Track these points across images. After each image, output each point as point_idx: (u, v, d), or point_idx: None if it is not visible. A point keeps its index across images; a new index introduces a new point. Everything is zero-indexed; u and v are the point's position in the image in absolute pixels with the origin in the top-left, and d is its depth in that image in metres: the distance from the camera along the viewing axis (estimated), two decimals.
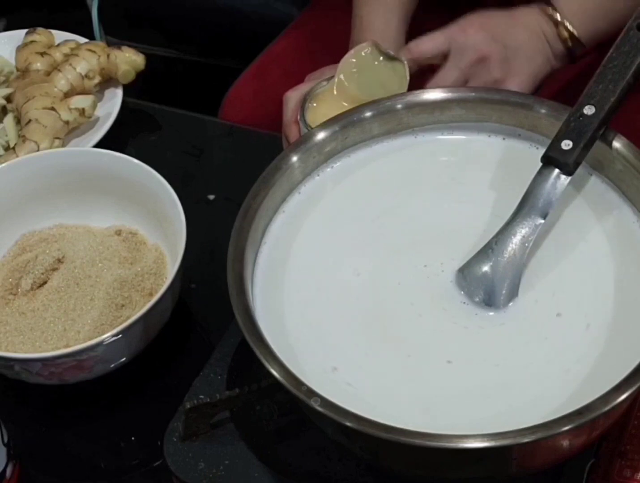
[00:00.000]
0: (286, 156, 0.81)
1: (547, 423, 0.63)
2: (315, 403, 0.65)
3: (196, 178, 1.07)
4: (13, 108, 1.10)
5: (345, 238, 0.79)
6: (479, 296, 0.74)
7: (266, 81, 1.19)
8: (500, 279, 0.74)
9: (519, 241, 0.75)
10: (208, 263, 0.95)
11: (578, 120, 0.76)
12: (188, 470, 0.76)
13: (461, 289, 0.75)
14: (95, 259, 0.90)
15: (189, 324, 0.94)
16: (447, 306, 0.74)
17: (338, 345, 0.73)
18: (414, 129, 0.84)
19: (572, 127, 0.76)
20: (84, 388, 0.86)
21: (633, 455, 0.76)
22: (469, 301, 0.74)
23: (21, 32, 1.18)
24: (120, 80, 1.12)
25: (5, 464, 0.79)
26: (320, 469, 0.75)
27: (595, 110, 0.76)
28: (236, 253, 0.74)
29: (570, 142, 0.75)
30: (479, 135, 0.84)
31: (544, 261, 0.76)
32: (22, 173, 0.95)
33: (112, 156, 0.95)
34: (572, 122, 0.76)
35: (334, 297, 0.76)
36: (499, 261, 0.75)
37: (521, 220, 0.75)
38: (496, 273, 0.74)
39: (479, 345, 0.72)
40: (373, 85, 0.95)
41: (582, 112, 0.76)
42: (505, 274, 0.74)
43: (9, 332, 0.87)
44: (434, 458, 0.66)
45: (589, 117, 0.76)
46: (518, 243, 0.75)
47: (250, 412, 0.77)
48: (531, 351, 0.71)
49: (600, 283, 0.74)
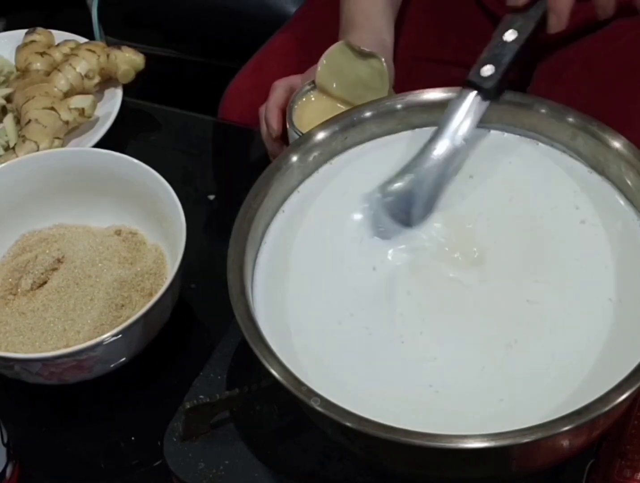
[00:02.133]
0: (286, 156, 0.81)
1: (547, 423, 0.63)
2: (315, 403, 0.65)
3: (196, 178, 1.07)
4: (13, 108, 1.10)
5: (345, 236, 0.79)
6: (399, 214, 0.77)
7: (265, 76, 1.18)
8: (418, 197, 0.77)
9: (436, 160, 0.77)
10: (208, 263, 0.95)
11: (500, 45, 0.77)
12: (188, 470, 0.76)
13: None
14: (95, 259, 0.90)
15: (189, 324, 0.94)
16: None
17: (338, 344, 0.73)
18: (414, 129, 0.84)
19: (494, 53, 0.77)
20: (84, 388, 0.86)
21: (633, 455, 0.76)
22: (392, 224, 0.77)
23: (21, 32, 1.18)
24: (120, 80, 1.12)
25: (5, 464, 0.79)
26: (320, 469, 0.75)
27: (517, 35, 0.77)
28: (236, 253, 0.74)
29: (491, 67, 0.77)
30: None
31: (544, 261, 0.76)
32: (22, 173, 0.95)
33: (112, 156, 0.95)
34: (494, 48, 0.77)
35: (334, 296, 0.76)
36: (417, 179, 0.77)
37: (438, 141, 0.77)
38: (415, 190, 0.77)
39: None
40: (354, 84, 0.94)
41: (503, 39, 0.77)
42: (422, 191, 0.77)
43: (9, 332, 0.87)
44: (434, 458, 0.66)
45: (510, 43, 0.77)
46: (436, 162, 0.77)
47: (250, 412, 0.78)
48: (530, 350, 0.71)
49: (600, 283, 0.74)
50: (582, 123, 0.79)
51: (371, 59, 0.94)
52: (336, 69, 0.95)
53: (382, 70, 0.93)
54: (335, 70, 0.95)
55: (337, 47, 0.95)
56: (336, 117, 0.83)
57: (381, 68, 0.93)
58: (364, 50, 0.94)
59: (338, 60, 0.95)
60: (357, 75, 0.95)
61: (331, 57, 0.95)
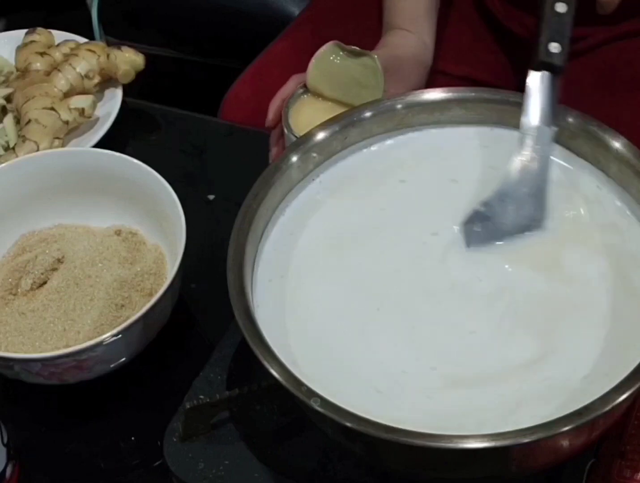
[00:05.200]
0: (286, 156, 0.81)
1: (547, 423, 0.63)
2: (315, 403, 0.65)
3: (196, 178, 1.07)
4: (13, 108, 1.10)
5: (346, 235, 0.79)
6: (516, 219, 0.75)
7: (265, 81, 1.18)
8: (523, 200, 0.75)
9: (534, 155, 0.75)
10: (208, 263, 0.95)
11: (555, 19, 0.76)
12: (188, 470, 0.76)
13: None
14: (95, 259, 0.90)
15: (189, 324, 0.94)
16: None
17: (339, 344, 0.73)
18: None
19: (553, 28, 0.76)
20: (84, 388, 0.86)
21: (633, 455, 0.76)
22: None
23: (21, 32, 1.18)
24: (120, 80, 1.12)
25: (5, 464, 0.79)
26: (320, 469, 0.75)
27: (568, 7, 0.76)
28: (236, 253, 0.75)
29: (557, 45, 0.76)
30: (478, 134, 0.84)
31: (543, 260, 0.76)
32: (22, 173, 0.95)
33: (112, 156, 0.95)
34: (551, 23, 0.76)
35: (335, 296, 0.76)
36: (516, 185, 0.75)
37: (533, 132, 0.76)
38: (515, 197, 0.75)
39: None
40: (347, 84, 0.94)
41: (556, 11, 0.76)
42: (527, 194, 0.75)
43: (9, 332, 0.87)
44: (434, 458, 0.67)
45: (563, 15, 0.76)
46: (534, 156, 0.75)
47: (250, 412, 0.78)
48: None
49: (600, 283, 0.74)
50: (582, 123, 0.79)
51: (363, 57, 0.94)
52: (327, 70, 0.94)
53: (375, 68, 0.92)
54: (327, 72, 0.94)
55: (326, 48, 0.94)
56: (336, 117, 0.83)
57: (374, 66, 0.93)
58: (355, 50, 0.94)
59: (329, 62, 0.94)
60: (349, 75, 0.94)
61: (321, 59, 0.94)
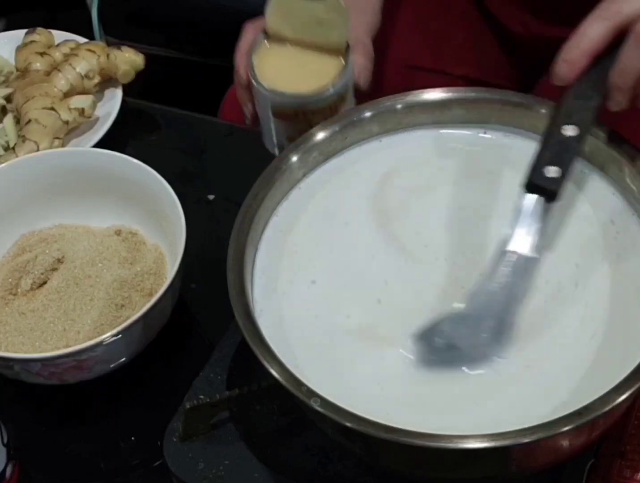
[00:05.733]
0: (286, 156, 0.81)
1: (547, 423, 0.63)
2: (315, 403, 0.65)
3: (196, 178, 1.07)
4: (13, 108, 1.10)
5: (345, 235, 0.79)
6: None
7: None
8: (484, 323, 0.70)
9: (506, 278, 0.70)
10: (208, 263, 0.95)
11: (560, 141, 0.70)
12: (188, 470, 0.76)
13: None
14: (95, 259, 0.90)
15: (189, 324, 0.94)
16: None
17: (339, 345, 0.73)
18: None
19: (555, 151, 0.69)
20: (84, 388, 0.86)
21: (633, 455, 0.76)
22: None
23: (21, 32, 1.18)
24: (120, 80, 1.12)
25: (5, 464, 0.79)
26: (320, 469, 0.75)
27: (580, 131, 0.70)
28: (236, 253, 0.75)
29: (557, 169, 0.69)
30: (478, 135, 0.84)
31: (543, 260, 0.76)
32: (22, 173, 0.95)
33: (112, 156, 0.95)
34: (554, 144, 0.70)
35: (334, 296, 0.76)
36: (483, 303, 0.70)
37: (507, 255, 0.71)
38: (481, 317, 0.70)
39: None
40: (309, 24, 0.88)
41: (563, 133, 0.70)
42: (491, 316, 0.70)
43: (9, 332, 0.87)
44: (434, 458, 0.67)
45: (572, 138, 0.70)
46: (505, 281, 0.70)
47: (250, 412, 0.78)
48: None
49: (600, 283, 0.74)
50: None
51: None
52: (286, 10, 0.89)
53: (338, 4, 0.87)
54: (286, 12, 0.89)
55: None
56: (336, 117, 0.84)
57: (336, 3, 0.87)
58: None
59: (287, 2, 0.88)
60: (311, 14, 0.88)
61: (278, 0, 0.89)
